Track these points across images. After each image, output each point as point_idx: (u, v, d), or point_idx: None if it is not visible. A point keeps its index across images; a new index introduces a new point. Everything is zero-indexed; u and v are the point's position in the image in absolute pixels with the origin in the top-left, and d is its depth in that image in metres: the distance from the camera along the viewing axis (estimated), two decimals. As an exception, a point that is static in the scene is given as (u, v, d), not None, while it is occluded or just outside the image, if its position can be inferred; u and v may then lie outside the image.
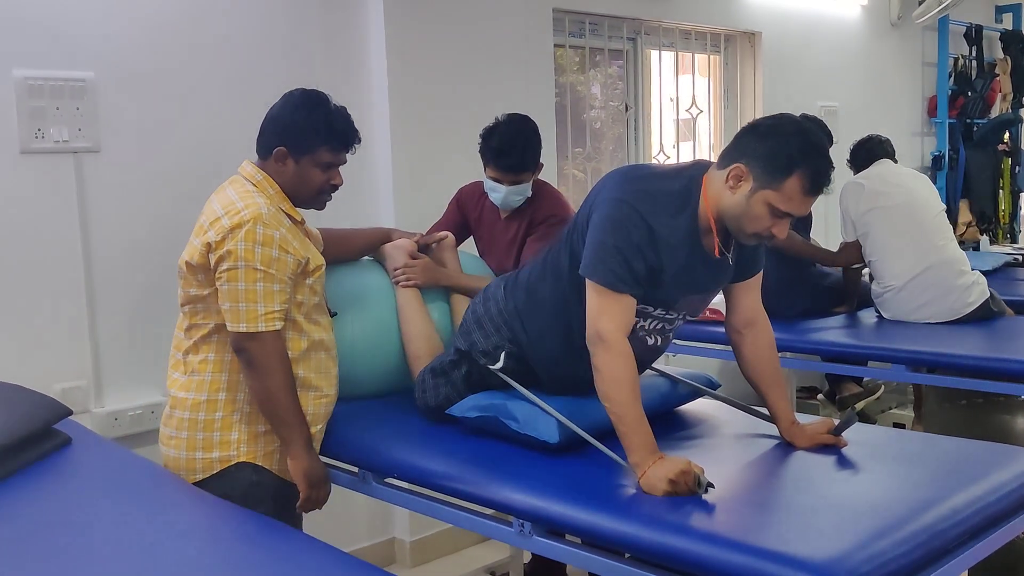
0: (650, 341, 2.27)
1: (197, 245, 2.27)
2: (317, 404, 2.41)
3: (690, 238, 2.12)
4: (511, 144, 2.88)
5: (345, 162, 2.43)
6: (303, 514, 2.47)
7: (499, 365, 2.39)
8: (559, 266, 2.28)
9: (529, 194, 2.99)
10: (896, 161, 4.23)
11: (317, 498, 2.36)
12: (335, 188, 2.44)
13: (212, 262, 2.24)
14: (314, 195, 2.41)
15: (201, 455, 2.32)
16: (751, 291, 2.34)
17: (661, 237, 2.08)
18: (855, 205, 3.98)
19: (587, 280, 2.11)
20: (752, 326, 2.34)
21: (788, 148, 1.99)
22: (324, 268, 2.42)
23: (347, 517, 3.61)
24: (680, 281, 2.15)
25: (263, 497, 2.30)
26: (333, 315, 2.52)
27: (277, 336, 2.25)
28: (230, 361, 2.32)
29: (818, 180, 2.01)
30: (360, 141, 2.42)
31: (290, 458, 2.31)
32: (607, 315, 2.07)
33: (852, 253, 4.03)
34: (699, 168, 2.16)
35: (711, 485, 1.91)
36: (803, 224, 4.12)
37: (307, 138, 2.33)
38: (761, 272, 2.35)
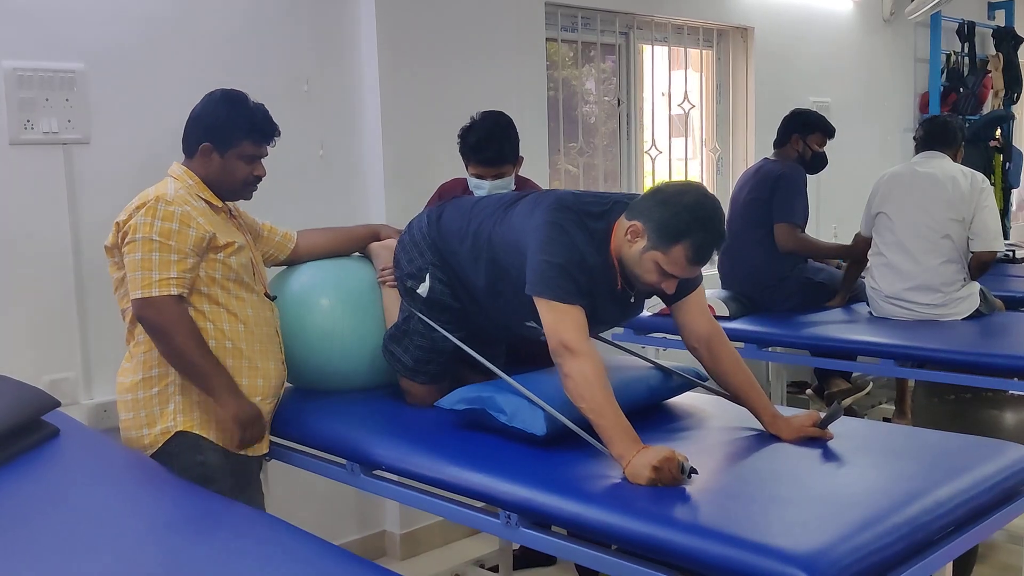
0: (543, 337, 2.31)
1: (113, 229, 2.42)
2: (251, 378, 2.47)
3: (606, 274, 2.27)
4: (488, 138, 2.93)
5: (266, 154, 2.55)
6: (263, 491, 2.57)
7: (426, 285, 2.52)
8: (480, 235, 2.43)
9: (513, 187, 3.01)
10: (960, 147, 4.05)
11: (252, 437, 2.42)
12: (259, 179, 2.56)
13: (120, 241, 2.38)
14: (240, 186, 2.54)
15: (147, 431, 2.41)
16: (692, 307, 2.40)
17: (588, 266, 2.23)
18: (872, 204, 3.99)
19: (537, 299, 2.21)
20: (704, 340, 2.39)
21: (679, 219, 2.13)
22: (240, 247, 2.49)
23: (337, 510, 3.62)
24: (596, 310, 2.26)
25: (215, 476, 2.37)
26: (272, 299, 2.61)
27: (173, 300, 2.34)
28: None
29: (701, 253, 2.14)
30: (279, 134, 2.55)
31: (218, 406, 2.38)
32: (566, 326, 2.16)
33: (862, 247, 4.04)
34: (618, 209, 2.27)
35: (694, 471, 1.93)
36: (801, 218, 4.13)
37: (230, 132, 2.47)
38: (700, 287, 2.41)
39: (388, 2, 3.60)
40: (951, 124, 4.08)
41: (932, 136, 4.01)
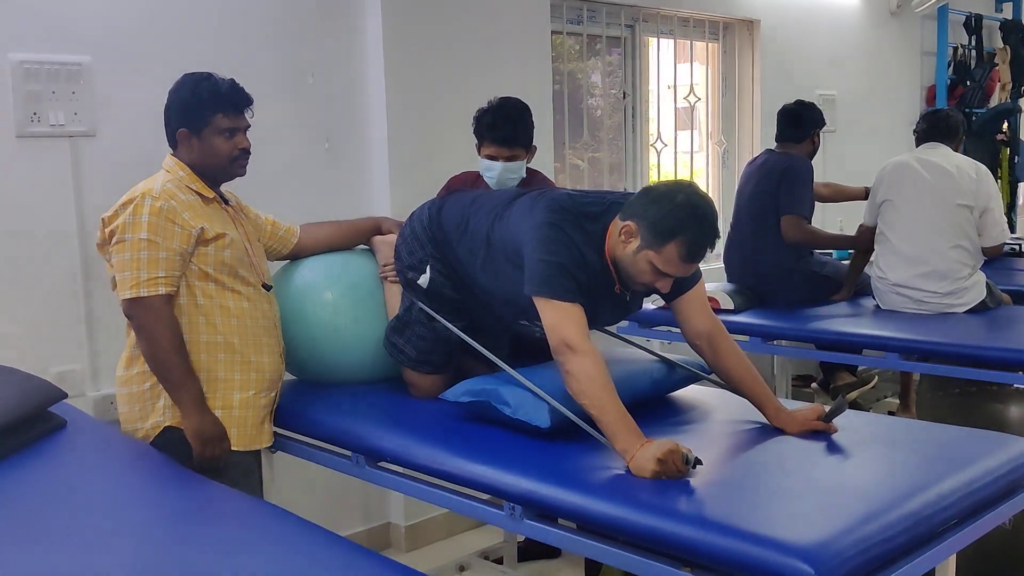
0: (539, 333, 2.30)
1: (100, 225, 2.41)
2: (244, 371, 2.46)
3: (603, 274, 2.28)
4: (505, 117, 2.97)
5: (247, 126, 2.50)
6: (262, 485, 2.55)
7: (426, 276, 2.54)
8: (478, 232, 2.45)
9: (523, 174, 3.03)
10: (961, 141, 4.12)
11: (212, 455, 2.39)
12: (246, 153, 2.50)
13: (107, 238, 2.38)
14: (226, 163, 2.48)
15: (140, 425, 2.43)
16: (691, 303, 2.40)
17: (587, 264, 2.24)
18: (878, 192, 3.99)
19: (537, 298, 2.21)
20: (703, 336, 2.39)
21: (672, 217, 2.13)
22: (232, 239, 2.45)
23: (342, 502, 3.64)
24: (593, 312, 2.26)
25: (217, 468, 2.35)
26: (268, 288, 2.58)
27: (161, 300, 2.33)
28: None
29: (694, 251, 2.14)
30: (252, 102, 2.50)
31: (182, 416, 2.38)
32: (566, 324, 2.16)
33: (867, 237, 4.05)
34: (614, 210, 2.27)
35: (699, 462, 1.94)
36: (807, 210, 4.14)
37: (199, 111, 2.43)
38: (700, 283, 2.41)
39: (394, -5, 3.60)
40: (953, 117, 4.11)
41: (935, 129, 4.04)
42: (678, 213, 2.12)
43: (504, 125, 2.95)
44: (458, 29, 3.83)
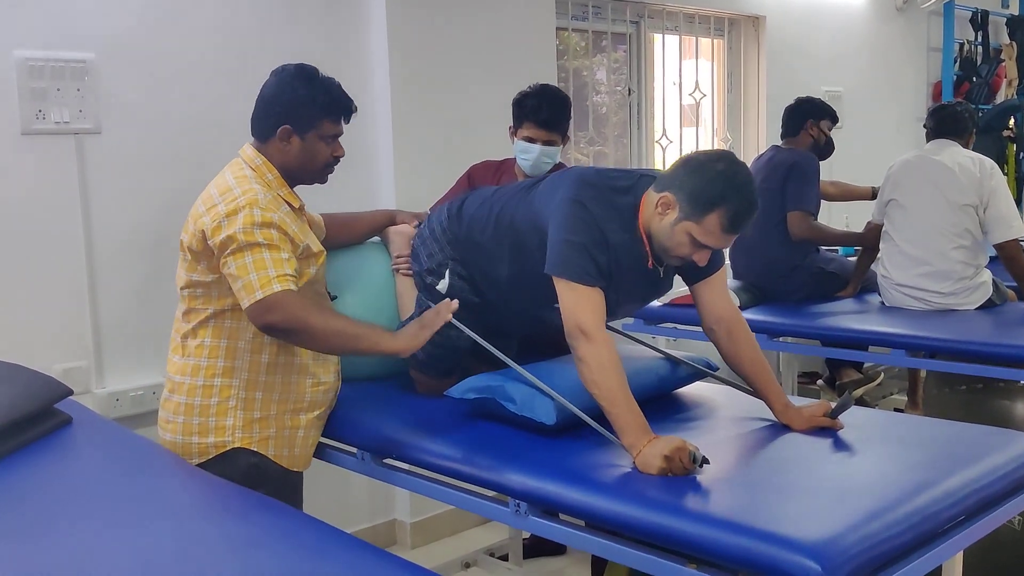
0: None
1: (194, 231, 2.25)
2: (314, 391, 2.39)
3: (633, 250, 2.24)
4: (549, 101, 2.99)
5: (343, 132, 2.41)
6: (302, 498, 2.49)
7: (445, 282, 2.50)
8: (502, 219, 2.40)
9: (557, 160, 3.05)
10: (972, 134, 4.05)
11: (435, 324, 2.20)
12: (338, 160, 2.41)
13: (215, 250, 2.20)
14: (321, 169, 2.39)
15: (197, 440, 2.31)
16: (714, 287, 2.37)
17: (612, 243, 2.19)
18: (884, 191, 3.98)
19: (557, 279, 2.18)
20: (722, 322, 2.37)
21: (712, 187, 2.09)
22: (324, 256, 2.40)
23: (348, 498, 3.64)
24: (622, 288, 2.25)
25: (263, 480, 2.28)
26: (333, 298, 2.51)
27: (295, 293, 2.16)
28: (227, 347, 2.30)
29: (736, 220, 2.10)
30: (356, 110, 2.42)
31: (394, 351, 2.21)
32: (583, 309, 2.13)
33: (874, 235, 4.04)
34: (645, 183, 2.24)
35: (706, 460, 1.93)
36: (813, 206, 4.13)
37: (310, 113, 2.31)
38: (723, 268, 2.39)
39: (398, -9, 3.60)
40: (961, 112, 4.06)
41: (942, 125, 4.01)
42: (719, 182, 2.09)
43: (548, 108, 2.97)
44: (463, 25, 3.82)
